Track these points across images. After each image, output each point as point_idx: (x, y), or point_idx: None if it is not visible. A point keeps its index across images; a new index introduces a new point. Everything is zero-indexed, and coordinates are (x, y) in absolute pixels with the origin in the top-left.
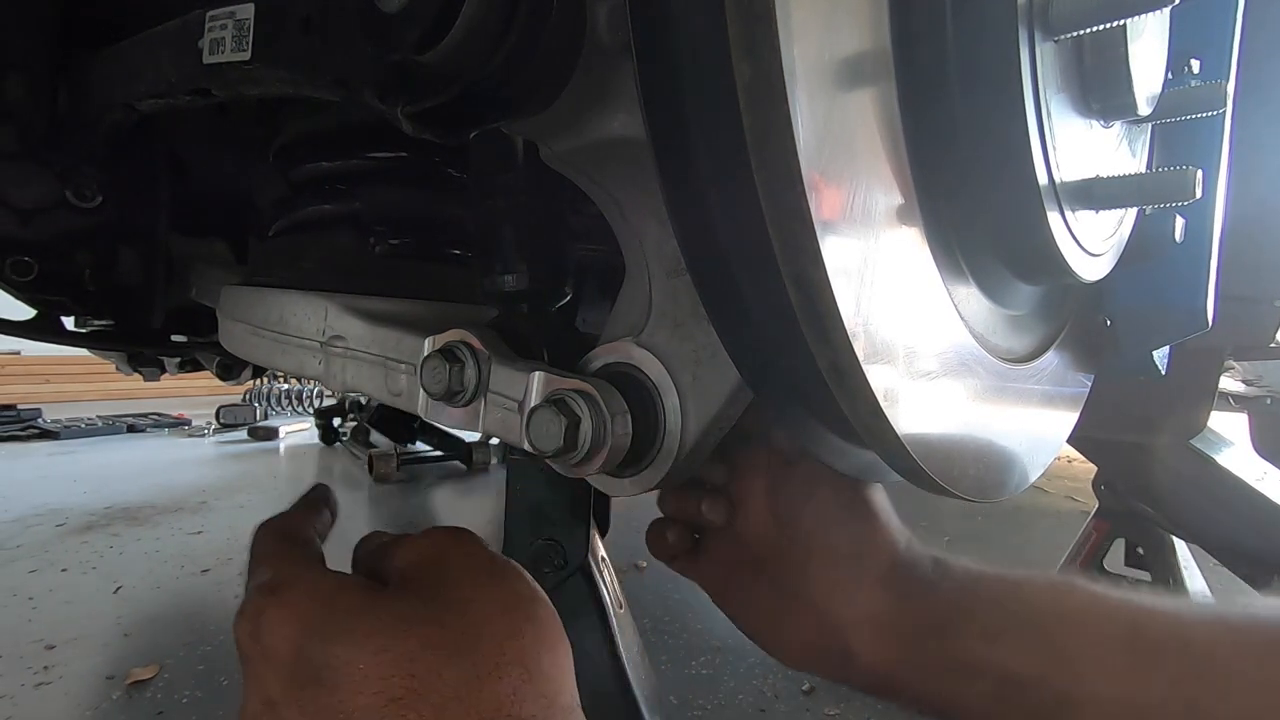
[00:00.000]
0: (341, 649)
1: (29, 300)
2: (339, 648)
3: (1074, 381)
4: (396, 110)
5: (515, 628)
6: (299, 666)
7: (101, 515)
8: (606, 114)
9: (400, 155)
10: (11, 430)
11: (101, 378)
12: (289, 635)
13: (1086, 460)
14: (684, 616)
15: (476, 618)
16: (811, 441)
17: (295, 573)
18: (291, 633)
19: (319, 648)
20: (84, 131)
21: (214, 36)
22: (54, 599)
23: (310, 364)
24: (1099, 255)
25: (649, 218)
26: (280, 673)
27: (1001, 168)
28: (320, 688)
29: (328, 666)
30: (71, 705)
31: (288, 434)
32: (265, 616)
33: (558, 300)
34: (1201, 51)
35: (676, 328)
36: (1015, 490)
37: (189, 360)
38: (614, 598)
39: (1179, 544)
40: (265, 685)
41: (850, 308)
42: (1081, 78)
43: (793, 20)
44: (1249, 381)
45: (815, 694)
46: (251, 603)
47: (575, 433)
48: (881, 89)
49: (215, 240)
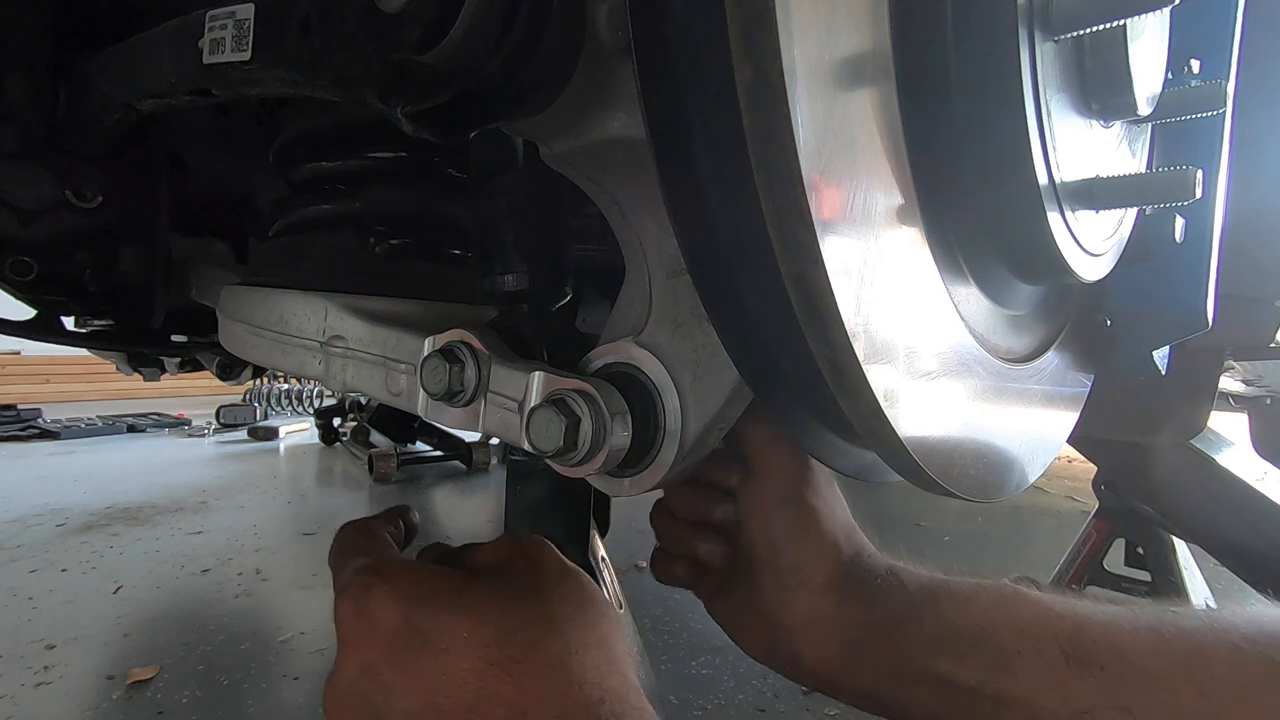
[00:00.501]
0: (449, 617)
1: (29, 300)
2: (447, 616)
3: (1074, 381)
4: (396, 110)
5: (593, 618)
6: (404, 633)
7: (101, 515)
8: (606, 114)
9: (400, 155)
10: (11, 430)
11: (101, 378)
12: (396, 607)
13: (1086, 460)
14: (684, 616)
15: (563, 606)
16: (811, 442)
17: (394, 557)
18: (399, 604)
19: (427, 615)
20: (84, 132)
21: (214, 36)
22: (54, 599)
23: (310, 364)
24: (1099, 255)
25: (649, 218)
26: (384, 640)
27: (1002, 168)
28: (424, 650)
29: (435, 632)
30: (71, 705)
31: (288, 434)
32: (373, 591)
33: (558, 300)
34: (1201, 51)
35: (676, 328)
36: (1015, 490)
37: (189, 360)
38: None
39: (1179, 544)
40: (363, 653)
41: (850, 308)
42: (1081, 78)
43: (793, 21)
44: (1249, 381)
45: (815, 694)
46: (356, 582)
47: (575, 433)
48: (881, 89)
49: (215, 240)
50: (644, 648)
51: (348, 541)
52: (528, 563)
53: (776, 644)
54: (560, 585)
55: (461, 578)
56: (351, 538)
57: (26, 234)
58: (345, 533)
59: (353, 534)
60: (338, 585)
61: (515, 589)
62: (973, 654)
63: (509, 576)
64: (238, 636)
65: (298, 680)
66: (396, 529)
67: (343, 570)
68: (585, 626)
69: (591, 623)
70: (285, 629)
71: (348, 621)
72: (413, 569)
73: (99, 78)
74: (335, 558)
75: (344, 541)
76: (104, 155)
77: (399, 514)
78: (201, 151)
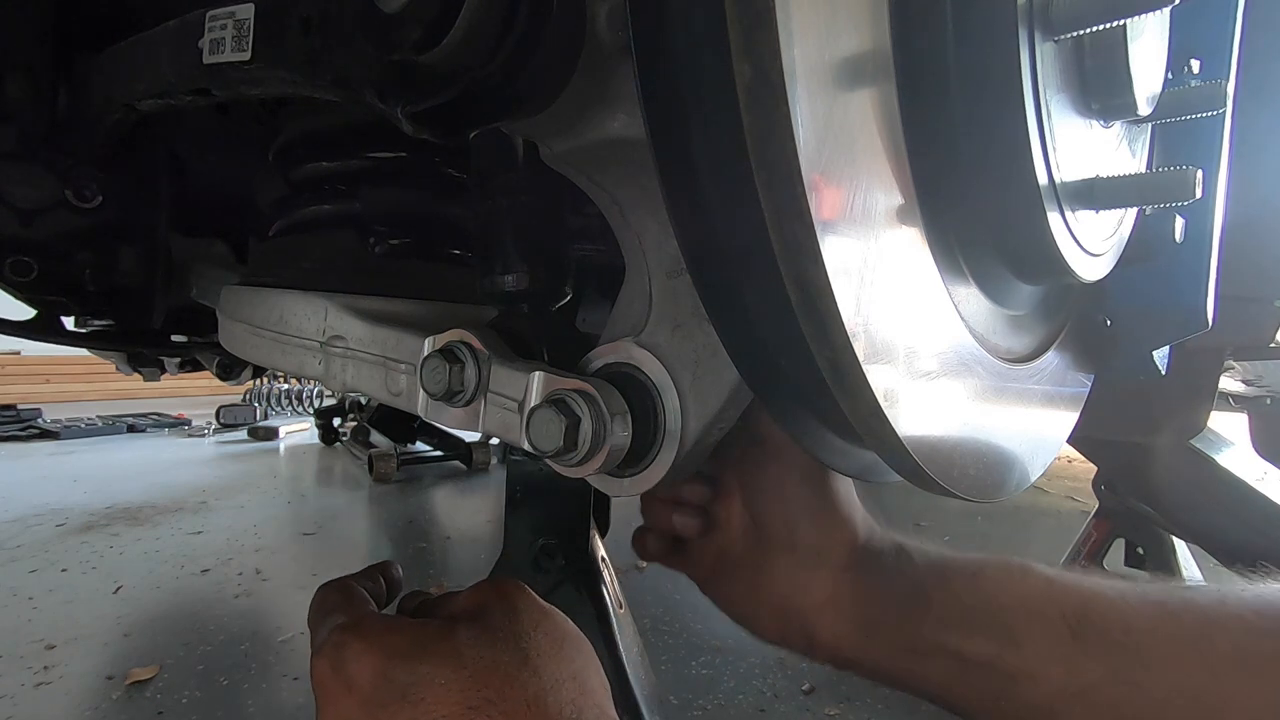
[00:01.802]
0: (425, 667)
1: (29, 300)
2: (423, 666)
3: (1074, 381)
4: (396, 110)
5: (568, 654)
6: (382, 688)
7: (101, 515)
8: (606, 114)
9: (400, 155)
10: (11, 430)
11: (101, 378)
12: (373, 662)
13: (1086, 460)
14: (684, 616)
15: (537, 645)
16: (811, 442)
17: (370, 613)
18: (375, 660)
19: (403, 668)
20: (84, 132)
21: (214, 36)
22: (54, 599)
23: (310, 364)
24: (1099, 255)
25: (649, 218)
26: (361, 696)
27: (1002, 168)
28: (404, 703)
29: (411, 684)
30: (71, 705)
31: (288, 434)
32: (348, 649)
33: (558, 300)
34: (1201, 51)
35: (676, 328)
36: (1015, 490)
37: (189, 360)
38: (614, 598)
39: (1179, 544)
40: (341, 710)
41: (850, 308)
42: (1081, 78)
43: (793, 20)
44: (1249, 381)
45: (815, 694)
46: (330, 641)
47: (575, 433)
48: (881, 89)
49: (215, 240)
50: (644, 648)
51: (324, 600)
52: (505, 607)
53: (789, 623)
54: (537, 626)
55: (437, 627)
56: (328, 596)
57: (26, 234)
58: (322, 592)
59: (329, 593)
60: (314, 644)
61: (492, 633)
62: (982, 629)
63: (486, 621)
64: (238, 636)
65: (298, 680)
66: (376, 584)
67: (319, 630)
68: (561, 662)
69: (568, 658)
70: (285, 629)
71: (324, 680)
72: (387, 623)
73: (99, 78)
74: (312, 617)
75: (321, 601)
76: (104, 155)
77: (379, 570)
78: (201, 151)
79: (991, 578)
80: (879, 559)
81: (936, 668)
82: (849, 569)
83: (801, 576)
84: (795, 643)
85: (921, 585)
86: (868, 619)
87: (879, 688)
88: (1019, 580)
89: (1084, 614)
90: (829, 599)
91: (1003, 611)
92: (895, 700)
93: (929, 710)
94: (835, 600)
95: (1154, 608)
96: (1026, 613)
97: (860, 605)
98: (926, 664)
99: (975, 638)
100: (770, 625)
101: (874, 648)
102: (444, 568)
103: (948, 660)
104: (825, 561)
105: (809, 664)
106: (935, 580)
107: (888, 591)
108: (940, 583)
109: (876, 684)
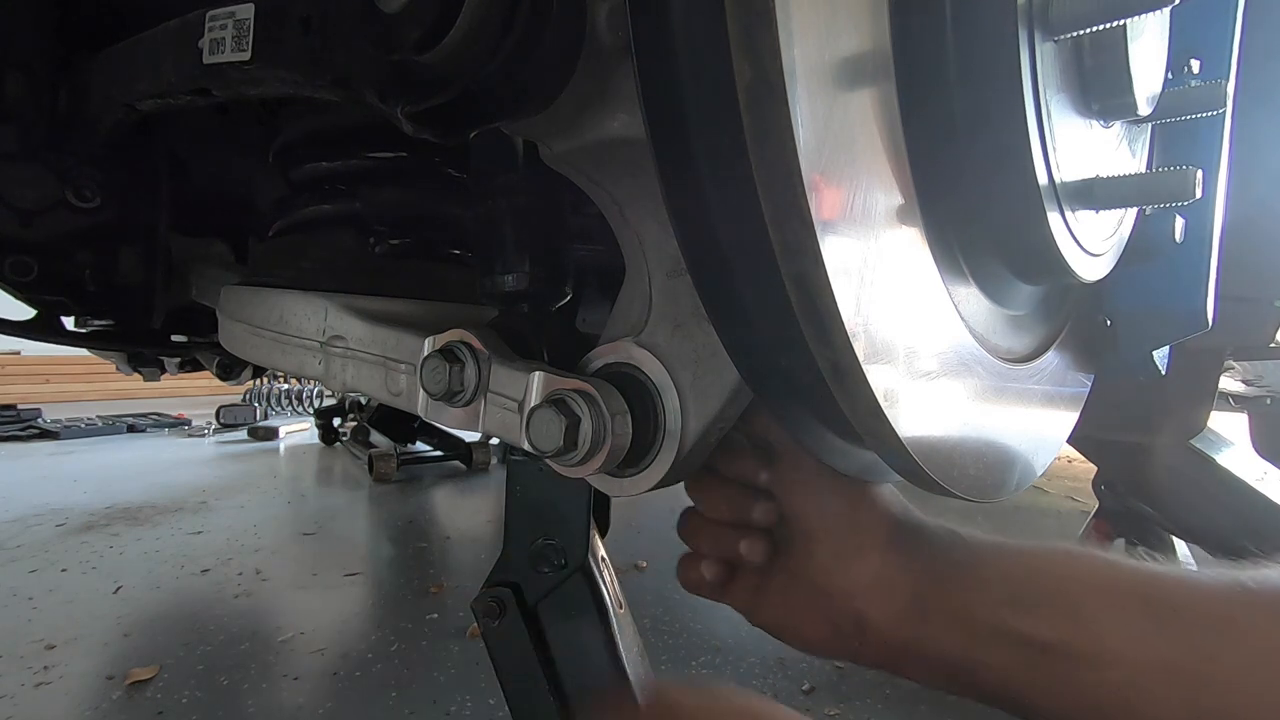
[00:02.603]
0: None
1: (29, 300)
2: None
3: (1074, 381)
4: (397, 110)
5: None
6: None
7: (101, 515)
8: (606, 114)
9: (400, 155)
10: (11, 430)
11: (101, 378)
12: None
13: (1086, 460)
14: (684, 616)
15: None
16: (811, 441)
17: None
18: None
19: None
20: (84, 131)
21: (214, 36)
22: (54, 599)
23: (310, 364)
24: (1099, 255)
25: (649, 218)
26: None
27: (1002, 168)
28: None
29: None
30: (71, 705)
31: (288, 434)
32: None
33: (558, 300)
34: (1201, 51)
35: (676, 328)
36: (1015, 490)
37: (189, 360)
38: (614, 598)
39: (1179, 544)
40: None
41: (850, 308)
42: (1081, 78)
43: (793, 20)
44: (1249, 381)
45: (815, 694)
46: None
47: (575, 433)
48: (881, 89)
49: (215, 240)
50: (644, 648)
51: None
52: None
53: (840, 619)
54: None
55: None
56: None
57: (27, 234)
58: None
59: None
60: None
61: None
62: (1046, 608)
63: None
64: (238, 636)
65: (298, 680)
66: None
67: None
68: None
69: None
70: (285, 629)
71: None
72: None
73: (99, 78)
74: None
75: None
76: (104, 155)
77: None
78: (202, 151)
79: (1049, 557)
80: (923, 535)
81: (997, 655)
82: (893, 547)
83: (845, 563)
84: (847, 640)
85: (974, 564)
86: (917, 595)
87: (879, 688)
88: (1080, 560)
89: (1154, 589)
90: (876, 578)
91: (1067, 590)
92: (895, 700)
93: (928, 710)
94: (883, 579)
95: (1229, 584)
96: (1094, 589)
97: (910, 581)
98: (990, 649)
99: (1039, 618)
100: (821, 625)
101: (930, 629)
102: (444, 568)
103: (1009, 645)
104: (867, 542)
105: (809, 664)
106: (989, 558)
107: (937, 568)
108: (995, 560)
109: (931, 689)
